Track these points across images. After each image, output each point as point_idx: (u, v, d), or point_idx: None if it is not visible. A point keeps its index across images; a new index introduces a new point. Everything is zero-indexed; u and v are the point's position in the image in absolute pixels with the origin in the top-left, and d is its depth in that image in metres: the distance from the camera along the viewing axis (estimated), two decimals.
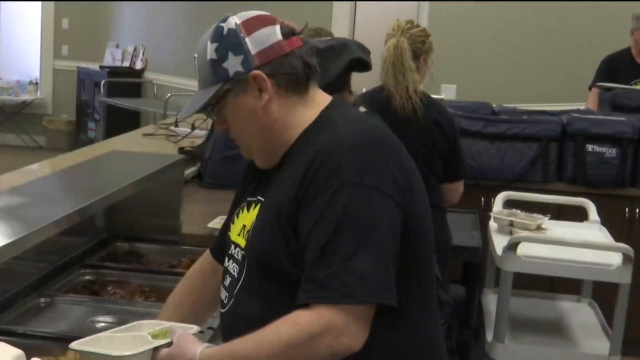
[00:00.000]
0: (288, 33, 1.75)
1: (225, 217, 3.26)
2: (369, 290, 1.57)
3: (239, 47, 1.72)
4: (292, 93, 1.75)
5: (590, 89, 5.93)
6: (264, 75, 1.72)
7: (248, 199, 1.82)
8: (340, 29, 7.40)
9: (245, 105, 1.74)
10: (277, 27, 1.75)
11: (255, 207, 1.77)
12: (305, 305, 1.59)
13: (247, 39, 1.72)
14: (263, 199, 1.76)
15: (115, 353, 1.65)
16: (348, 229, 1.58)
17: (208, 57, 1.75)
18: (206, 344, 1.68)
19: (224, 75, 1.73)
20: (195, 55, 1.80)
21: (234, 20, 1.75)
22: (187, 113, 1.81)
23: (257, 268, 1.72)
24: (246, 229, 1.78)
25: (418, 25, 3.66)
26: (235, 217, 1.86)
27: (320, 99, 1.79)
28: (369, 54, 2.02)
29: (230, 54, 1.73)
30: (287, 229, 1.66)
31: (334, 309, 1.56)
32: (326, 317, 1.56)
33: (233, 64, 1.72)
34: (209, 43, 1.76)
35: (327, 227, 1.59)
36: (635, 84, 5.75)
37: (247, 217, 1.79)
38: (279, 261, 1.67)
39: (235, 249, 1.81)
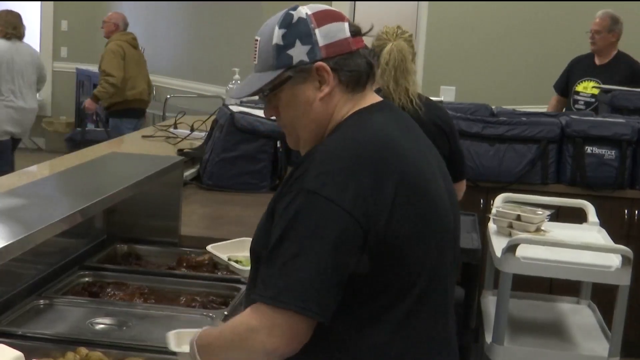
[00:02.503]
0: (355, 32, 1.76)
1: None
2: (294, 298, 1.57)
3: (307, 37, 1.72)
4: (350, 90, 1.75)
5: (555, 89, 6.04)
6: (328, 68, 1.72)
7: None
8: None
9: (303, 95, 1.74)
10: (346, 25, 1.76)
11: None
12: None
13: (316, 30, 1.72)
14: None
15: None
16: (294, 235, 1.59)
17: (274, 42, 1.74)
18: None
19: (287, 62, 1.73)
20: (258, 37, 1.78)
21: (305, 10, 1.75)
22: (242, 93, 1.82)
23: (253, 259, 1.77)
24: None
25: (406, 30, 3.66)
26: None
27: (367, 100, 1.79)
28: (374, 56, 2.00)
29: (297, 42, 1.72)
30: (271, 224, 1.69)
31: (268, 308, 1.59)
32: (261, 314, 1.59)
33: (299, 52, 1.72)
34: (276, 27, 1.74)
35: (279, 229, 1.61)
36: (580, 82, 5.82)
37: None
38: (262, 254, 1.70)
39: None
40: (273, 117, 1.86)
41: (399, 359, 1.68)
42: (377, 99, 1.81)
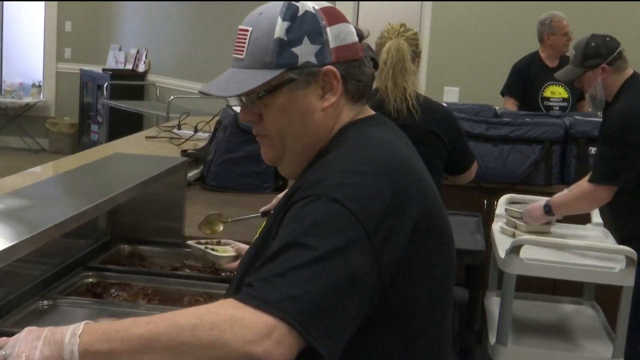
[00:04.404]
0: (360, 37, 1.57)
1: None
2: (297, 311, 1.29)
3: (317, 35, 1.50)
4: (354, 102, 1.56)
5: (502, 95, 5.92)
6: (338, 74, 1.51)
7: (271, 211, 1.66)
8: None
9: (304, 102, 1.51)
10: (352, 27, 1.56)
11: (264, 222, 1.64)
12: None
13: (328, 29, 1.50)
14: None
15: None
16: (309, 242, 1.34)
17: (275, 35, 1.49)
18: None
19: (291, 62, 1.49)
20: (248, 28, 1.53)
21: (311, 4, 1.53)
22: (230, 92, 1.53)
23: (234, 291, 1.53)
24: None
25: (410, 29, 3.63)
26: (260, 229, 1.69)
27: (363, 114, 1.60)
28: (377, 55, 1.90)
29: (306, 39, 1.49)
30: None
31: (259, 312, 1.29)
32: (249, 314, 1.29)
33: (306, 51, 1.49)
34: (279, 19, 1.50)
35: (290, 232, 1.37)
36: (548, 86, 5.76)
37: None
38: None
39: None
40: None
41: None
42: (370, 111, 1.62)
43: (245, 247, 2.62)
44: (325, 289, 1.31)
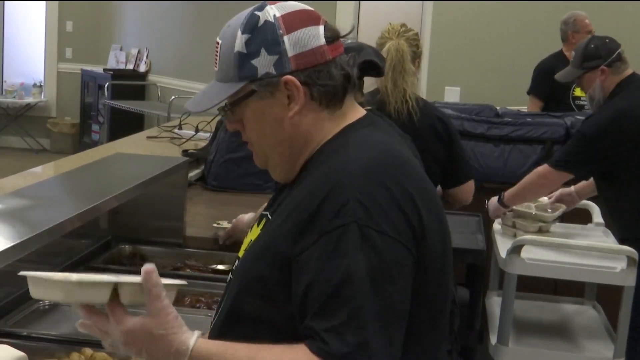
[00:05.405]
0: (332, 37, 1.53)
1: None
2: (369, 355, 1.33)
3: (274, 45, 1.49)
4: (324, 107, 1.53)
5: (529, 94, 5.91)
6: (297, 82, 1.49)
7: (263, 212, 1.63)
8: (343, 30, 7.39)
9: (271, 112, 1.52)
10: (321, 29, 1.53)
11: (261, 223, 1.59)
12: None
13: (285, 37, 1.49)
14: (270, 217, 1.57)
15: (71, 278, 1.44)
16: (356, 279, 1.36)
17: (236, 49, 1.51)
18: (198, 332, 1.44)
19: (251, 74, 1.50)
20: (219, 41, 1.55)
21: (273, 12, 1.52)
22: (200, 107, 1.56)
23: (234, 296, 1.55)
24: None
25: (411, 29, 3.59)
26: (249, 230, 1.66)
27: (351, 115, 1.57)
28: (384, 60, 1.87)
29: (263, 50, 1.50)
30: (277, 261, 1.45)
31: None
32: None
33: (264, 63, 1.50)
34: (239, 32, 1.51)
35: (332, 274, 1.37)
36: (575, 87, 5.73)
37: (254, 233, 1.60)
38: (256, 295, 1.49)
39: (236, 264, 1.65)
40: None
41: None
42: (360, 112, 1.60)
43: (248, 216, 2.99)
44: (388, 320, 1.37)
